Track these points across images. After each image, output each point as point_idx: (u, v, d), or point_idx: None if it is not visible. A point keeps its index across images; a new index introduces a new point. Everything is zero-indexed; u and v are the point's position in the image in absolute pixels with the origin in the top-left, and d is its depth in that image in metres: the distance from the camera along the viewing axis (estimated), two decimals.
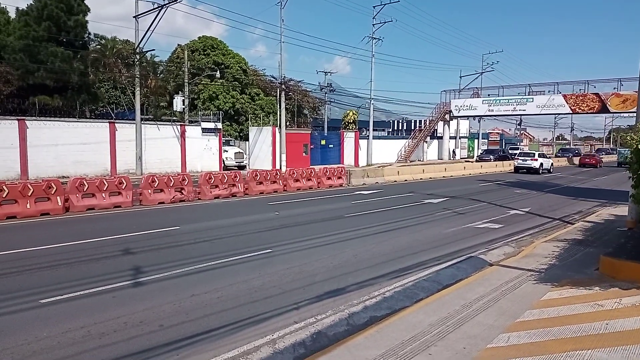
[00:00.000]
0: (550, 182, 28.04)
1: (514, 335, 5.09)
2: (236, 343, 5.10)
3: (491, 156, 44.18)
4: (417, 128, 57.83)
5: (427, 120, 55.40)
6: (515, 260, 8.73)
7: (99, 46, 43.32)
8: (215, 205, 16.42)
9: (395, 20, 46.12)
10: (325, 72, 50.92)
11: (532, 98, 46.96)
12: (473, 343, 4.92)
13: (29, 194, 12.98)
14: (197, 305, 6.23)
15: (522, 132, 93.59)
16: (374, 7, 42.87)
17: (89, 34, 37.57)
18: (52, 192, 13.47)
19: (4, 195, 12.54)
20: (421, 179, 28.79)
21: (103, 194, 14.70)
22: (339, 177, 23.65)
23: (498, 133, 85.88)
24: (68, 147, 25.78)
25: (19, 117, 25.30)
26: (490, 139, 76.20)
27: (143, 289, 6.92)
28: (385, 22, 42.67)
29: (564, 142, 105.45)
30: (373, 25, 42.91)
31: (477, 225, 12.88)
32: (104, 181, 14.95)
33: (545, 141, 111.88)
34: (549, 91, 46.60)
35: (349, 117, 52.02)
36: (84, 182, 14.46)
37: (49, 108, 30.99)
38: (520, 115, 55.50)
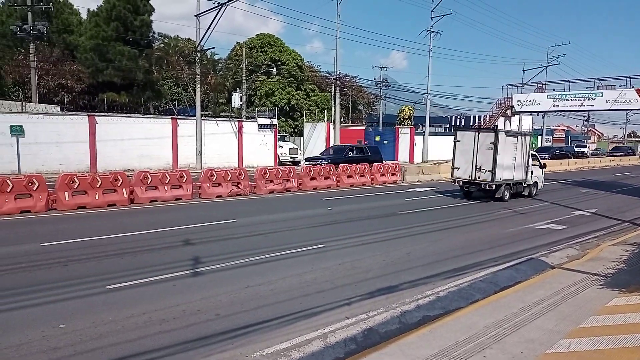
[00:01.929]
0: (620, 182, 26.31)
1: (575, 342, 4.84)
2: (288, 335, 5.19)
3: (546, 154, 41.91)
4: (477, 124, 56.03)
5: (487, 116, 53.54)
6: (580, 263, 8.29)
7: (162, 45, 45.24)
8: (270, 199, 16.73)
9: (454, 13, 44.94)
10: (380, 67, 50.39)
11: (602, 93, 44.09)
12: (531, 347, 4.72)
13: (98, 186, 13.79)
14: (251, 297, 6.38)
15: (589, 128, 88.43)
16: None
17: (154, 33, 39.27)
18: (119, 185, 14.24)
19: (75, 187, 13.41)
20: None
21: (165, 187, 15.37)
22: (393, 174, 23.38)
23: (563, 129, 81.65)
24: (133, 142, 27.12)
25: (89, 113, 26.94)
26: (555, 135, 72.59)
27: (201, 278, 7.18)
28: (444, 15, 41.57)
29: (637, 139, 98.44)
30: (431, 18, 41.92)
31: (539, 226, 12.32)
32: (166, 175, 15.62)
33: (616, 138, 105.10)
34: (620, 85, 43.56)
35: (404, 113, 51.22)
36: (148, 175, 15.18)
37: (116, 104, 32.78)
38: (588, 111, 52.42)
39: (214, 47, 53.49)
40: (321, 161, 24.28)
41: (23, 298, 6.11)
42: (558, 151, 46.59)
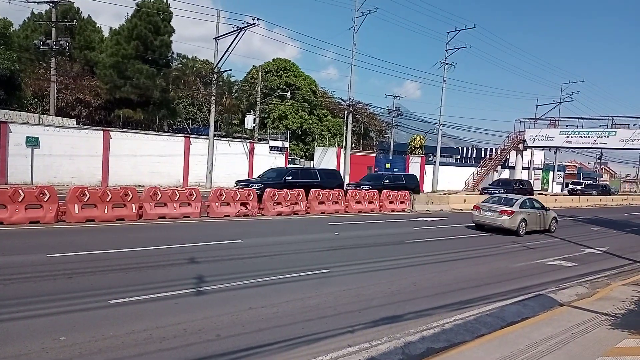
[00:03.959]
0: (633, 222, 25.93)
1: None
2: None
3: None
4: (488, 156, 55.89)
5: (499, 149, 53.44)
6: (589, 302, 8.11)
7: (180, 65, 46.14)
8: (277, 221, 16.70)
9: (469, 47, 45.23)
10: (394, 96, 50.83)
11: (615, 131, 43.90)
12: None
13: (108, 200, 13.88)
14: (253, 319, 6.32)
15: (602, 166, 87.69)
16: (447, 32, 42.44)
17: (172, 53, 40.14)
18: (128, 199, 14.33)
19: (85, 200, 13.51)
20: None
21: (174, 204, 15.43)
22: (402, 202, 23.29)
23: (575, 166, 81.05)
24: (145, 158, 27.42)
25: (104, 128, 27.38)
26: (566, 171, 72.04)
27: (204, 297, 7.13)
28: (459, 48, 42.04)
29: None
30: (446, 50, 42.40)
31: (548, 262, 12.13)
32: (176, 192, 15.70)
33: (629, 177, 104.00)
34: (634, 124, 43.37)
35: (415, 142, 51.41)
36: (158, 191, 15.27)
37: (132, 121, 33.31)
38: (601, 148, 52.08)
39: (230, 70, 54.32)
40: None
41: (25, 308, 6.10)
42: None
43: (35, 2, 33.43)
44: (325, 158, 38.60)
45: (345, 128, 36.92)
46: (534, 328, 6.50)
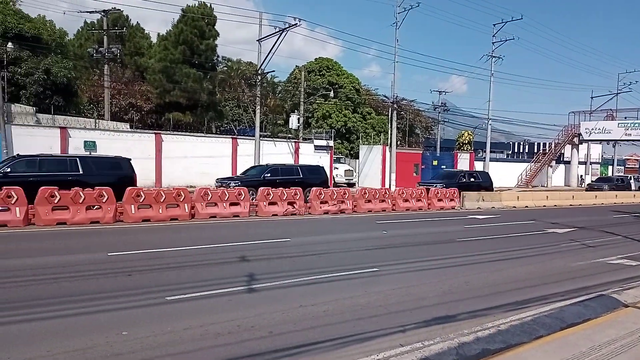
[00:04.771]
0: None
1: None
2: (341, 358, 5.10)
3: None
4: (541, 151, 53.80)
5: (553, 143, 51.37)
6: None
7: (225, 68, 47.19)
8: (324, 220, 16.75)
9: (517, 39, 43.67)
10: (439, 91, 49.88)
11: None
12: None
13: (162, 200, 14.41)
14: (304, 316, 6.37)
15: None
16: (494, 25, 41.20)
17: (218, 56, 41.16)
18: (181, 200, 14.81)
19: (141, 200, 14.08)
20: (544, 206, 26.61)
21: (224, 204, 15.81)
22: (451, 200, 22.80)
23: (637, 160, 76.62)
24: (195, 160, 28.25)
25: (155, 131, 28.45)
26: (627, 165, 68.23)
27: (255, 295, 7.26)
28: (506, 40, 40.71)
29: None
30: (493, 43, 41.17)
31: (610, 261, 11.52)
32: (225, 192, 16.08)
33: None
34: None
35: (463, 138, 50.16)
36: (209, 192, 15.70)
37: (181, 124, 34.41)
38: None
39: (274, 71, 55.21)
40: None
41: (90, 304, 6.42)
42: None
43: (87, 12, 35.18)
44: (370, 156, 38.35)
45: (389, 125, 36.57)
46: (596, 330, 6.19)
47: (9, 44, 25.71)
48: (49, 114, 27.22)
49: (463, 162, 41.93)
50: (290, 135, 39.53)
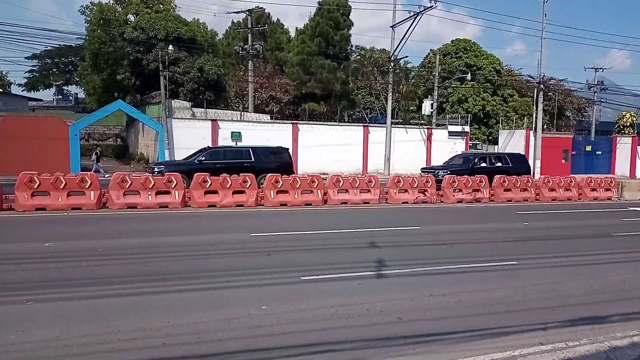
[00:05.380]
0: None
1: None
2: (472, 351, 4.91)
3: None
4: None
5: None
6: None
7: (358, 57, 47.64)
8: (458, 209, 16.13)
9: None
10: (595, 69, 44.18)
11: None
12: None
13: (297, 187, 15.21)
14: (434, 306, 6.25)
15: None
16: None
17: (351, 46, 41.78)
18: (314, 186, 15.46)
19: (279, 186, 15.05)
20: None
21: (355, 191, 16.12)
22: (607, 189, 20.24)
23: None
24: (328, 148, 29.19)
25: (292, 121, 29.98)
26: None
27: (384, 281, 7.32)
28: None
29: None
30: None
31: None
32: (356, 179, 16.38)
33: None
34: None
35: (625, 120, 43.88)
36: (340, 179, 16.14)
37: (316, 113, 35.79)
38: None
39: (407, 56, 54.34)
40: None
41: (235, 279, 7.09)
42: None
43: (234, 12, 38.24)
44: (512, 142, 35.69)
45: (534, 108, 33.61)
46: None
47: (170, 47, 29.16)
48: (201, 108, 30.37)
49: (623, 147, 36.83)
50: (422, 121, 38.63)
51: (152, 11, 34.29)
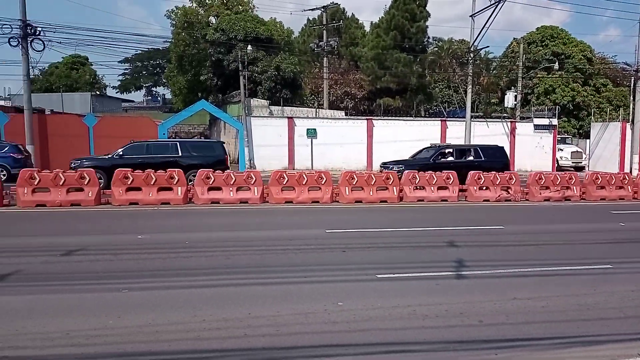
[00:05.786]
0: None
1: None
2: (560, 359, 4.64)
3: None
4: None
5: None
6: None
7: (436, 48, 46.36)
8: (544, 208, 15.21)
9: None
10: None
11: None
12: None
13: (372, 183, 15.15)
14: (518, 310, 5.95)
15: None
16: None
17: (428, 37, 40.77)
18: (390, 183, 15.30)
19: (354, 183, 15.07)
20: None
21: (432, 188, 15.74)
22: None
23: None
24: (404, 143, 28.66)
25: (367, 117, 29.85)
26: None
27: (464, 282, 7.09)
28: None
29: None
30: None
31: None
32: (433, 176, 15.96)
33: None
34: None
35: None
36: (416, 175, 15.83)
37: (391, 109, 35.34)
38: None
39: (488, 46, 51.96)
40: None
41: (311, 274, 7.21)
42: None
43: (309, 10, 38.75)
44: (606, 135, 32.94)
45: (632, 98, 30.77)
46: None
47: (249, 47, 30.18)
48: (278, 105, 31.15)
49: None
50: (505, 114, 36.76)
51: (231, 12, 35.66)
